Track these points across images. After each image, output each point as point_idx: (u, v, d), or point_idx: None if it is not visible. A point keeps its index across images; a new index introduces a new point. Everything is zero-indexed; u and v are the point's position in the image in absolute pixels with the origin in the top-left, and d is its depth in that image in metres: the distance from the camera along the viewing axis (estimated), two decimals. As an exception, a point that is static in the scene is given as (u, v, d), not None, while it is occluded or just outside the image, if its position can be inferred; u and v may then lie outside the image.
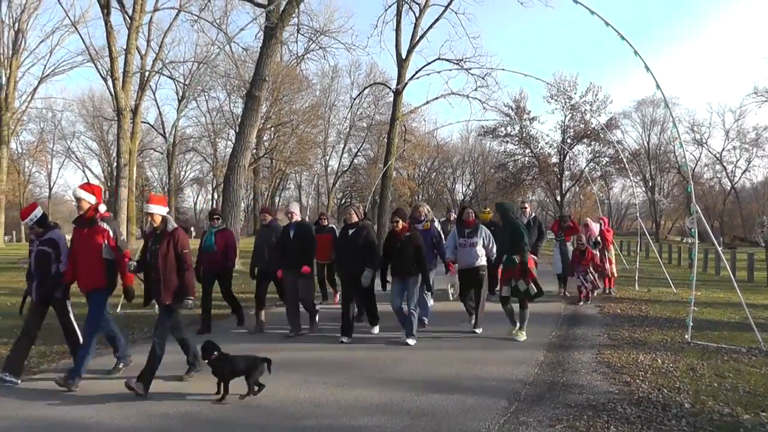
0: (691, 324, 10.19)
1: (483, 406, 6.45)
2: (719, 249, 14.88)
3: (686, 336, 10.07)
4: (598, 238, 15.87)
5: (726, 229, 72.89)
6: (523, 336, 10.09)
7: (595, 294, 15.30)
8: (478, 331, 10.63)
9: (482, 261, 10.88)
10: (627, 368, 8.11)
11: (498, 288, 11.53)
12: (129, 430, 5.92)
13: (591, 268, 14.79)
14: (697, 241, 11.56)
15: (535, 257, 11.42)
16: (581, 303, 14.29)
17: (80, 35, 38.42)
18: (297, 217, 10.77)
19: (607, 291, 16.39)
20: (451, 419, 6.01)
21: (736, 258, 24.58)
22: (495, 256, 11.00)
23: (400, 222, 10.00)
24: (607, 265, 16.23)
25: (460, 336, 10.43)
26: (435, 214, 17.58)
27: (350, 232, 10.34)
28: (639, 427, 5.76)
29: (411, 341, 9.65)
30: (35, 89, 52.92)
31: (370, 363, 8.31)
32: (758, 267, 23.05)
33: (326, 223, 14.76)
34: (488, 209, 16.45)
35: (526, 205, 15.72)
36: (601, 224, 16.70)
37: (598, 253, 15.48)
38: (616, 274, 17.29)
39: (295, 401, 6.72)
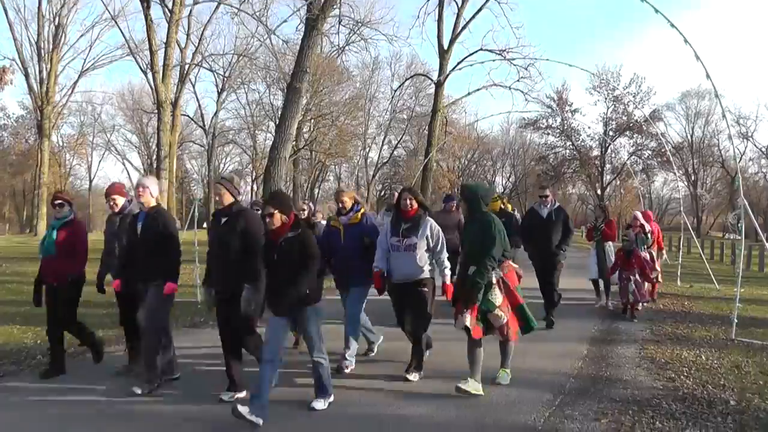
0: (736, 321, 10.10)
1: (528, 398, 6.49)
2: (767, 245, 14.67)
3: (730, 333, 9.98)
4: (648, 235, 13.60)
5: (770, 225, 71.70)
6: (506, 377, 7.17)
7: (642, 307, 12.37)
8: (412, 378, 7.31)
9: (425, 272, 7.40)
10: (671, 364, 8.07)
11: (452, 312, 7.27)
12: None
13: (638, 275, 11.84)
14: (743, 237, 11.42)
15: (516, 267, 7.53)
16: (627, 317, 11.66)
17: (120, 29, 39.04)
18: (149, 200, 7.14)
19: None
20: (496, 411, 6.07)
21: (781, 255, 24.25)
22: (446, 265, 7.52)
23: (277, 214, 6.05)
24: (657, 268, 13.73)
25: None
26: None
27: (222, 221, 6.75)
28: (684, 423, 5.76)
29: (318, 404, 6.28)
30: (75, 83, 53.84)
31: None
32: (804, 264, 22.68)
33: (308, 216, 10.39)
34: (495, 195, 12.84)
35: (548, 192, 11.44)
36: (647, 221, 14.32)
37: (647, 254, 12.93)
38: (661, 280, 14.68)
39: (341, 389, 6.77)
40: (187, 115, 66.56)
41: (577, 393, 6.75)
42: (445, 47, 36.42)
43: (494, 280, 6.77)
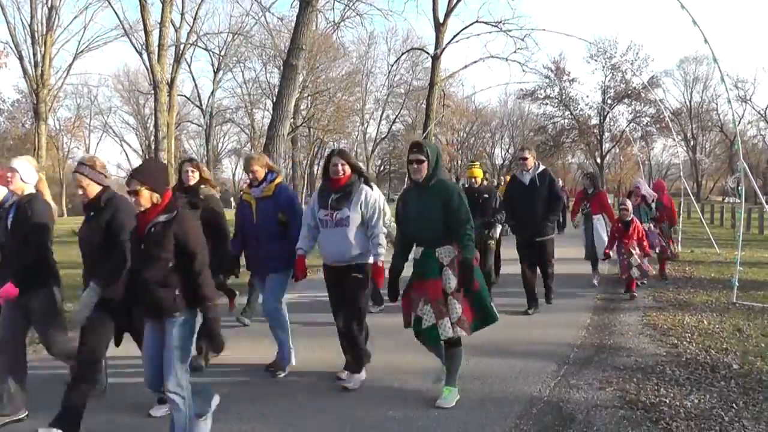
0: (737, 284, 10.16)
1: (532, 369, 6.54)
2: (766, 207, 14.70)
3: (731, 296, 10.05)
4: (652, 206, 12.10)
5: (769, 188, 71.86)
6: (450, 397, 5.63)
7: (644, 281, 11.56)
8: (347, 381, 6.24)
9: (362, 254, 6.07)
10: (673, 330, 8.14)
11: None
12: None
13: (637, 249, 10.71)
14: (743, 200, 11.46)
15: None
16: (629, 297, 10.49)
17: (114, 10, 38.73)
18: (20, 186, 5.53)
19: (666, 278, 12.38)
20: (501, 383, 6.13)
21: (781, 217, 24.33)
22: (379, 242, 6.05)
23: (144, 191, 4.57)
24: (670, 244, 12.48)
25: (501, 302, 10.39)
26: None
27: (91, 215, 5.29)
28: (689, 389, 5.81)
29: None
30: (70, 65, 53.73)
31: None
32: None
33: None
34: (477, 163, 11.04)
35: (527, 154, 9.76)
36: (660, 192, 12.69)
37: (651, 226, 11.92)
38: (677, 254, 13.30)
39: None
40: (184, 95, 66.46)
41: (582, 362, 6.80)
42: (441, 20, 36.18)
43: (446, 261, 5.45)
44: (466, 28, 36.16)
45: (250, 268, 7.15)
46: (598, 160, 67.84)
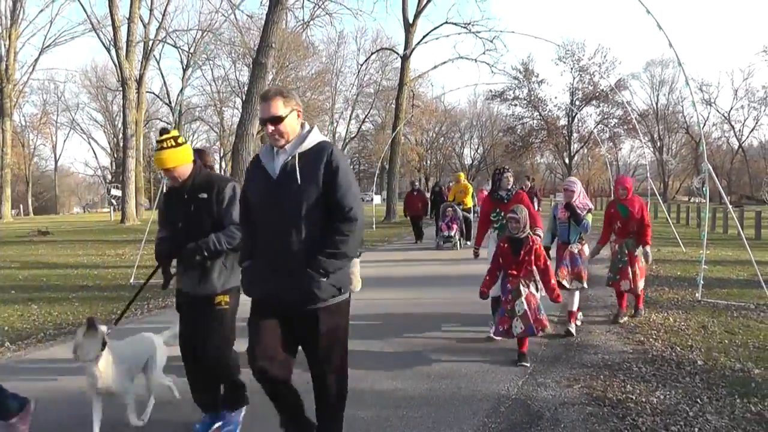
0: (702, 282, 10.31)
1: (500, 368, 6.56)
2: (730, 207, 14.89)
3: (697, 294, 10.20)
4: (585, 222, 8.02)
5: (733, 188, 73.02)
6: None
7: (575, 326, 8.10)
8: None
9: None
10: (640, 327, 8.25)
11: None
12: None
13: (531, 288, 6.74)
14: (708, 200, 11.62)
15: None
16: (525, 364, 6.58)
17: (81, 4, 38.47)
18: None
19: (625, 315, 8.80)
20: (470, 382, 6.14)
21: (744, 216, 24.68)
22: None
23: None
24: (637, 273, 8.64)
25: (470, 301, 10.38)
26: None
27: None
28: (655, 385, 5.88)
29: None
30: (36, 60, 53.13)
31: (385, 327, 8.38)
32: (765, 225, 22.87)
33: None
34: (173, 131, 4.85)
35: (279, 109, 3.87)
36: (622, 191, 8.72)
37: (580, 246, 8.23)
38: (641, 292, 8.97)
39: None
40: (153, 93, 66.17)
41: (550, 361, 6.86)
42: (410, 21, 36.34)
43: None
44: (435, 29, 36.67)
45: None
46: (567, 161, 68.52)
